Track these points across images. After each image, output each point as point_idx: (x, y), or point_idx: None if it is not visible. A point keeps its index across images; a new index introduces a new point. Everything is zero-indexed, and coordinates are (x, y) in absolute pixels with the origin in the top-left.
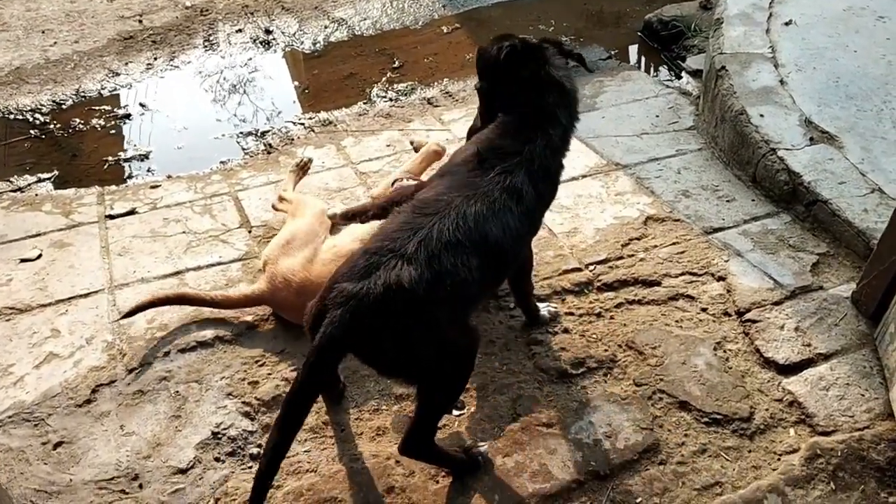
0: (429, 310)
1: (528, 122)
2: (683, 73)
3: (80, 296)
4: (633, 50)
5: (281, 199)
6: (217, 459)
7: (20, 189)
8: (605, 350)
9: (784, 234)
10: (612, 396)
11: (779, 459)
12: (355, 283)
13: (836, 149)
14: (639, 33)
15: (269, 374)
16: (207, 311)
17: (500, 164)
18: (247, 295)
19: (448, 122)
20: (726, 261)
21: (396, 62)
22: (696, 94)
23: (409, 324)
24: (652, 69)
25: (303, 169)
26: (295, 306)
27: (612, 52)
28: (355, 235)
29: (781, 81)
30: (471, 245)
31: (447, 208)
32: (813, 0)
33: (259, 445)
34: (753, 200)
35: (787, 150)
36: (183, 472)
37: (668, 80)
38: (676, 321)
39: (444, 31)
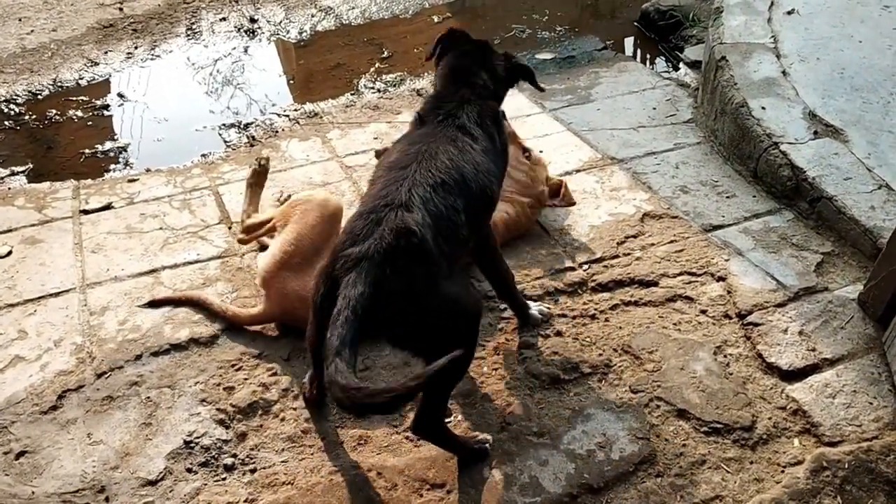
0: (435, 257)
1: (456, 83)
2: (681, 64)
3: (50, 295)
4: (629, 41)
5: (248, 229)
6: (189, 470)
7: None
8: (600, 354)
9: (787, 233)
10: (606, 404)
11: (782, 472)
12: (361, 245)
13: (841, 143)
14: (635, 23)
15: (246, 378)
16: (182, 313)
17: (440, 114)
18: (254, 315)
19: None
20: (726, 260)
21: (385, 52)
22: (694, 86)
23: (421, 271)
24: (649, 60)
25: (261, 175)
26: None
27: (608, 43)
28: None
29: (784, 73)
30: (453, 183)
31: (419, 156)
32: None
33: (234, 455)
34: (754, 196)
35: (790, 144)
36: (152, 483)
37: (665, 72)
38: (674, 324)
39: (435, 20)
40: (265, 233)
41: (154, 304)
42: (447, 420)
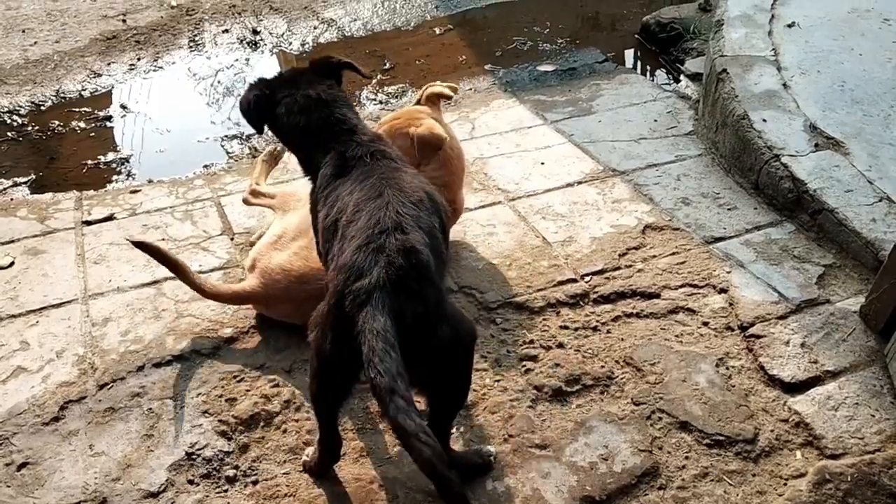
0: (437, 277)
1: (328, 138)
2: (682, 77)
3: (53, 306)
4: (630, 53)
5: (254, 192)
6: (190, 482)
7: None
8: (602, 366)
9: (788, 245)
10: (608, 416)
11: (785, 484)
12: (369, 276)
13: (842, 155)
14: (636, 36)
15: (248, 390)
16: (185, 323)
17: (357, 154)
18: (236, 291)
19: None
20: (728, 272)
21: (387, 64)
22: (695, 98)
23: (432, 292)
24: (650, 72)
25: (275, 158)
26: (293, 299)
27: (609, 55)
28: None
29: (785, 85)
30: (427, 202)
31: (383, 184)
32: (817, 2)
33: (236, 467)
34: (756, 209)
35: (791, 156)
36: (154, 495)
37: (666, 84)
38: (676, 336)
39: (437, 32)
40: (265, 205)
41: (140, 245)
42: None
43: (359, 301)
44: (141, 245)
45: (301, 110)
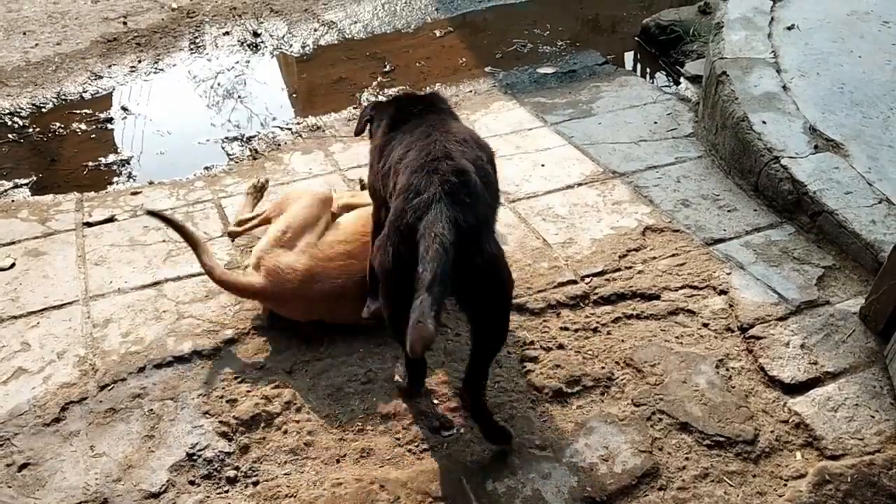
0: (485, 199)
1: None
2: (682, 79)
3: (53, 307)
4: (630, 55)
5: (240, 223)
6: (191, 483)
7: None
8: (602, 367)
9: (788, 246)
10: (609, 417)
11: (785, 485)
12: (427, 192)
13: (841, 157)
14: (636, 38)
15: (249, 391)
16: (186, 325)
17: (415, 110)
18: (245, 285)
19: None
20: (728, 273)
21: (387, 66)
22: (695, 101)
23: (484, 209)
24: (649, 75)
25: (260, 190)
26: (303, 297)
27: (609, 57)
28: (360, 214)
29: (784, 87)
30: (472, 142)
31: (432, 128)
32: (816, 4)
33: (237, 468)
34: (756, 210)
35: (791, 158)
36: (155, 496)
37: (666, 86)
38: (676, 337)
39: (437, 34)
40: (257, 225)
41: (154, 213)
42: (449, 433)
43: (419, 213)
44: (158, 215)
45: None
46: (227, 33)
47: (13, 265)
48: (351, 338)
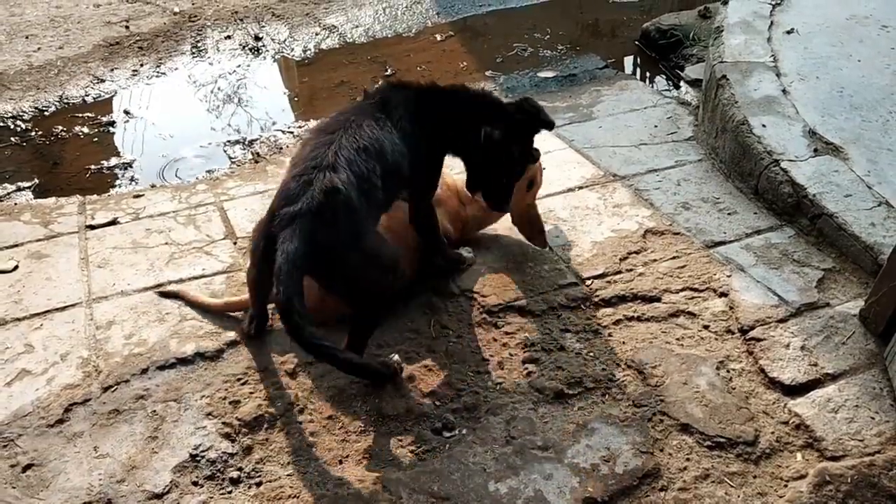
0: (359, 212)
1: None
2: (682, 83)
3: (57, 309)
4: (630, 59)
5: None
6: (195, 483)
7: None
8: (604, 369)
9: (788, 249)
10: (610, 418)
11: (786, 486)
12: (295, 205)
13: (841, 160)
14: (636, 42)
15: (252, 392)
16: (188, 327)
17: (378, 96)
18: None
19: None
20: (728, 276)
21: (389, 70)
22: (694, 104)
23: (347, 225)
24: (649, 78)
25: None
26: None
27: (609, 61)
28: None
29: (784, 91)
30: (374, 150)
31: (346, 124)
32: (815, 9)
33: (240, 468)
34: (756, 213)
35: (791, 161)
36: (158, 496)
37: (666, 90)
38: (677, 339)
39: (438, 38)
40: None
41: (165, 294)
42: (451, 434)
43: (282, 224)
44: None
45: None
46: (228, 37)
47: (16, 267)
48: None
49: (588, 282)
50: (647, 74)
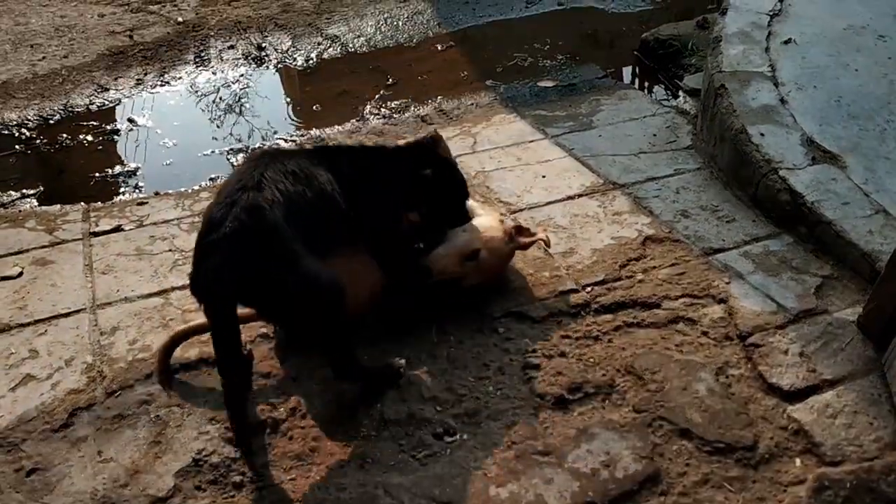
0: (288, 233)
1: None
2: (680, 92)
3: (61, 315)
4: (629, 69)
5: None
6: (198, 488)
7: (3, 205)
8: (604, 375)
9: (786, 256)
10: (610, 423)
11: (785, 491)
12: (218, 231)
13: (838, 169)
14: (635, 52)
15: (254, 398)
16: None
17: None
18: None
19: None
20: (727, 283)
21: (390, 79)
22: (693, 113)
23: (276, 246)
24: (648, 88)
25: None
26: None
27: (609, 71)
28: None
29: (782, 100)
30: (303, 175)
31: (272, 157)
32: (813, 19)
33: (242, 473)
34: (754, 221)
35: (789, 169)
36: (162, 501)
37: (665, 99)
38: (676, 345)
39: (439, 48)
40: None
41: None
42: (452, 439)
43: (207, 253)
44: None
45: None
46: (231, 47)
47: (21, 274)
48: (354, 347)
49: (588, 288)
50: (646, 84)
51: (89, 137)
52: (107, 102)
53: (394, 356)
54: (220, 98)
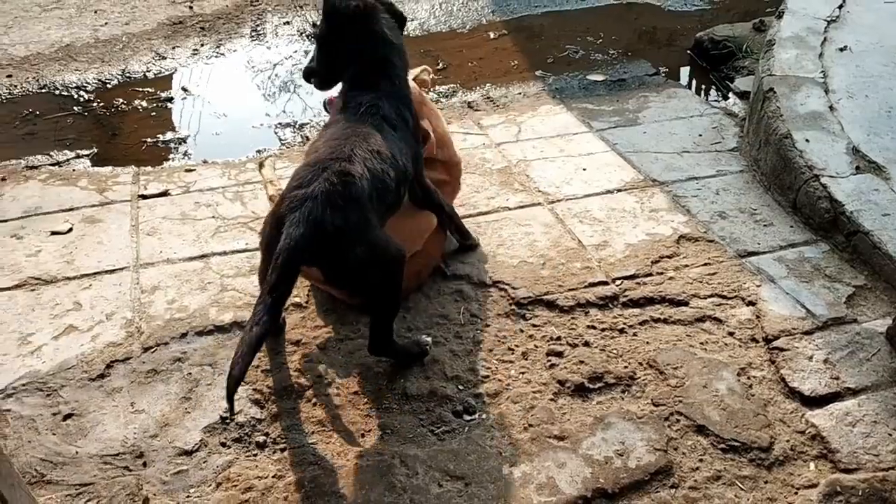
0: (369, 205)
1: (370, 72)
2: (731, 94)
3: (106, 272)
4: (681, 68)
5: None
6: (223, 444)
7: (58, 163)
8: (625, 367)
9: (821, 264)
10: (627, 414)
11: (796, 493)
12: (307, 188)
13: (882, 179)
14: (688, 51)
15: (283, 363)
16: (228, 297)
17: (362, 105)
18: None
19: (486, 127)
20: (758, 286)
21: (440, 64)
22: (741, 116)
23: (356, 214)
24: (698, 88)
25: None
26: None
27: (660, 68)
28: None
29: (831, 107)
30: (387, 155)
31: (355, 134)
32: (871, 28)
33: (266, 434)
34: (792, 227)
35: (831, 177)
36: (188, 454)
37: (714, 100)
38: (701, 343)
39: (491, 36)
40: None
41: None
42: (471, 417)
43: (292, 206)
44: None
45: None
46: (287, 23)
47: (71, 230)
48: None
49: (618, 282)
50: (697, 84)
51: (144, 103)
52: (163, 70)
53: (422, 334)
54: (274, 74)
